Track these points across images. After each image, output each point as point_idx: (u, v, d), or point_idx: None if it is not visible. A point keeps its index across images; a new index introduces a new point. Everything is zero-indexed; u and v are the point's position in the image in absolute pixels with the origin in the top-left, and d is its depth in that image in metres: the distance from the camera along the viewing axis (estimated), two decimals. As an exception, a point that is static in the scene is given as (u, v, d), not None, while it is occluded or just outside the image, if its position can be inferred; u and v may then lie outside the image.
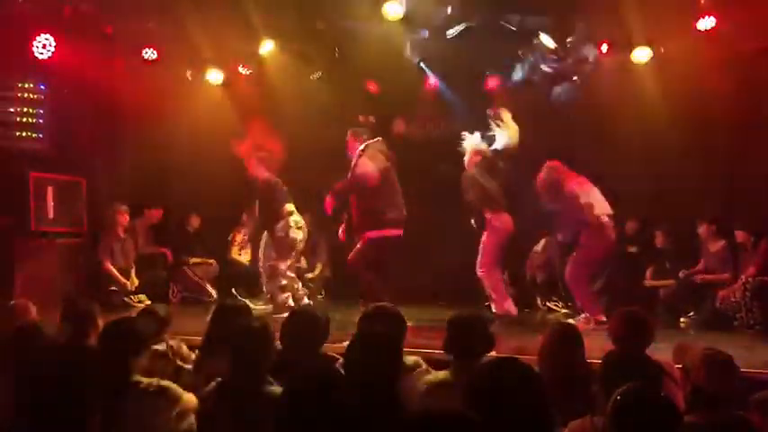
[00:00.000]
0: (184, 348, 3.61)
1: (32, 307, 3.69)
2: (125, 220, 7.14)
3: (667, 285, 6.56)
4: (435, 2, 6.30)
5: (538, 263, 7.08)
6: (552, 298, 7.01)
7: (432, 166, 7.34)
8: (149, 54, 6.99)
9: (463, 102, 7.58)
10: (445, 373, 2.93)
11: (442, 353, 3.06)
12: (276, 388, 2.52)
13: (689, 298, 6.27)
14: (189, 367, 3.41)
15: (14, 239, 6.67)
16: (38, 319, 3.58)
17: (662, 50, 6.40)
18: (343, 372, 2.47)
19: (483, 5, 6.32)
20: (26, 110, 7.10)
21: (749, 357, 4.21)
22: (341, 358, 2.70)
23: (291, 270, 6.32)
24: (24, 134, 7.11)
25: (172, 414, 2.55)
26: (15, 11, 6.35)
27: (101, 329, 3.09)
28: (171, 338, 3.58)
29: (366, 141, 5.89)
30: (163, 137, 7.19)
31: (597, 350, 3.15)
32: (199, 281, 7.56)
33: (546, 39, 6.47)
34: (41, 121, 7.17)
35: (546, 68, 6.97)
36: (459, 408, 1.82)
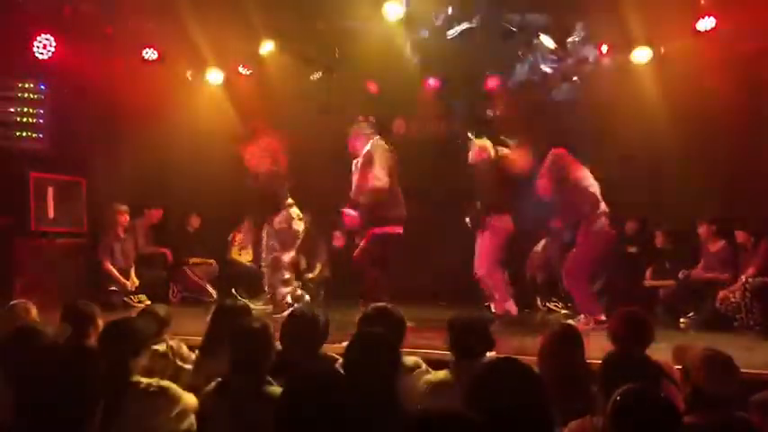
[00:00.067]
0: (184, 348, 3.62)
1: (32, 307, 3.68)
2: (125, 220, 7.14)
3: (667, 286, 6.55)
4: (435, 2, 6.30)
5: (538, 263, 7.07)
6: (552, 298, 7.01)
7: (432, 166, 7.35)
8: (149, 54, 6.99)
9: (463, 102, 7.59)
10: (445, 373, 2.93)
11: (442, 353, 3.06)
12: (276, 388, 2.53)
13: (689, 298, 6.25)
14: (189, 367, 3.41)
15: (14, 239, 6.68)
16: (38, 320, 3.58)
17: (662, 51, 6.40)
18: (342, 372, 2.47)
19: (483, 6, 6.32)
20: (26, 110, 7.12)
21: (749, 358, 4.20)
22: (341, 358, 2.70)
23: (290, 267, 6.33)
24: (24, 134, 7.12)
25: (172, 414, 2.56)
26: (15, 11, 6.36)
27: (101, 329, 3.10)
28: (171, 339, 3.59)
29: (371, 139, 5.88)
30: (163, 137, 7.19)
31: (597, 350, 3.14)
32: (199, 281, 7.56)
33: (546, 39, 6.46)
34: (41, 121, 7.18)
35: (546, 69, 6.97)
36: (459, 408, 1.82)
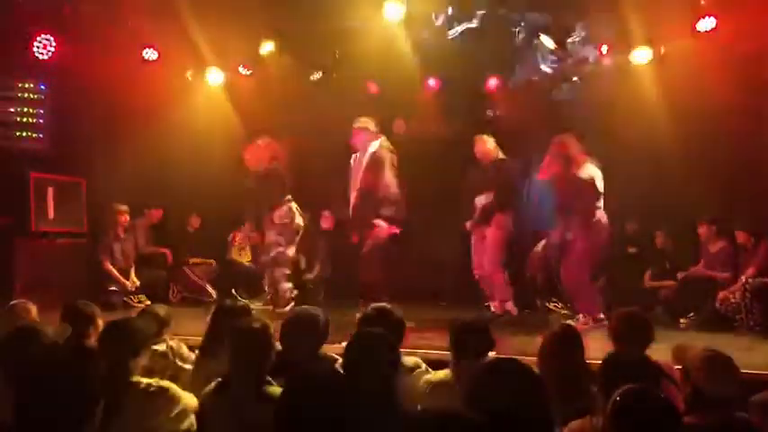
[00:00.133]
0: (184, 349, 3.62)
1: (32, 307, 3.69)
2: (125, 221, 7.13)
3: (667, 286, 6.55)
4: (435, 2, 6.30)
5: (538, 263, 7.06)
6: (552, 299, 7.00)
7: (432, 166, 7.34)
8: (149, 54, 6.99)
9: (463, 102, 7.59)
10: (446, 373, 2.93)
11: (442, 353, 3.06)
12: (276, 388, 2.53)
13: (689, 299, 6.26)
14: (189, 367, 3.41)
15: (14, 239, 6.68)
16: (38, 320, 3.58)
17: (662, 51, 6.39)
18: (342, 372, 2.47)
19: (483, 6, 6.32)
20: (26, 110, 7.12)
21: (749, 358, 4.20)
22: (341, 358, 2.70)
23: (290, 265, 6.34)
24: (24, 134, 7.13)
25: (172, 414, 2.56)
26: (15, 11, 6.36)
27: (101, 329, 3.10)
28: (171, 339, 3.59)
29: (376, 139, 5.84)
30: (163, 137, 7.18)
31: (597, 350, 3.15)
32: (199, 281, 7.56)
33: (546, 39, 6.46)
34: (41, 121, 7.20)
35: (546, 69, 6.97)
36: (458, 408, 1.82)
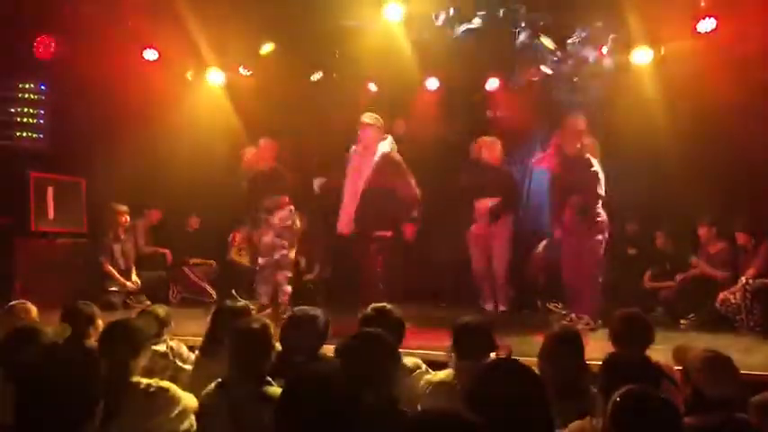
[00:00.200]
0: (184, 349, 3.62)
1: (32, 307, 3.69)
2: (125, 221, 7.13)
3: (667, 287, 6.55)
4: (436, 2, 6.30)
5: (539, 264, 7.07)
6: (552, 300, 7.00)
7: (432, 167, 7.33)
8: (149, 54, 6.98)
9: (463, 102, 7.59)
10: (446, 374, 2.93)
11: (442, 354, 3.05)
12: (276, 389, 2.52)
13: (689, 300, 6.25)
14: (189, 368, 3.42)
15: (14, 239, 6.68)
16: (38, 320, 3.58)
17: (662, 52, 6.39)
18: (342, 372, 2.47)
19: (484, 6, 6.32)
20: (26, 110, 7.12)
21: (749, 359, 4.21)
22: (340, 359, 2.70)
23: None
24: (24, 134, 7.13)
25: (171, 415, 2.56)
26: (15, 11, 6.36)
27: (101, 330, 3.10)
28: (171, 339, 3.59)
29: (385, 139, 5.81)
30: (163, 137, 7.18)
31: (597, 351, 3.14)
32: (198, 281, 7.57)
33: (546, 40, 6.46)
34: (41, 121, 7.19)
35: (546, 69, 6.97)
36: (459, 408, 1.82)
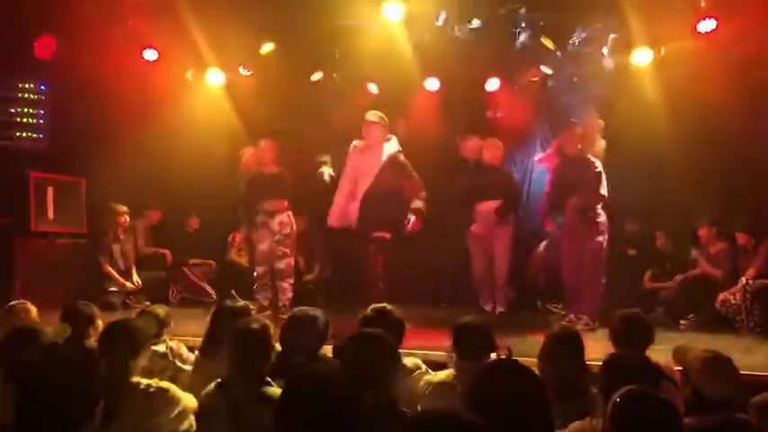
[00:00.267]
0: (184, 349, 3.62)
1: (32, 307, 3.69)
2: (125, 221, 7.13)
3: (667, 287, 6.55)
4: (436, 2, 6.30)
5: (539, 264, 7.07)
6: (552, 300, 7.00)
7: (431, 167, 7.33)
8: (149, 54, 6.98)
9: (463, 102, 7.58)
10: (446, 374, 2.93)
11: (442, 354, 3.05)
12: (275, 389, 2.52)
13: (689, 300, 6.25)
14: (188, 368, 3.42)
15: (14, 239, 6.67)
16: (38, 320, 3.58)
17: (662, 52, 6.39)
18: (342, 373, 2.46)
19: (484, 6, 6.32)
20: (26, 110, 7.12)
21: (749, 359, 4.21)
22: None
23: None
24: (24, 134, 7.12)
25: (171, 415, 2.56)
26: (15, 11, 6.36)
27: (101, 330, 3.10)
28: (170, 339, 3.59)
29: (389, 139, 5.80)
30: (163, 137, 7.18)
31: (597, 352, 3.14)
32: (198, 282, 7.56)
33: (546, 40, 6.46)
34: (41, 122, 7.19)
35: (546, 69, 6.97)
36: (459, 409, 1.81)
